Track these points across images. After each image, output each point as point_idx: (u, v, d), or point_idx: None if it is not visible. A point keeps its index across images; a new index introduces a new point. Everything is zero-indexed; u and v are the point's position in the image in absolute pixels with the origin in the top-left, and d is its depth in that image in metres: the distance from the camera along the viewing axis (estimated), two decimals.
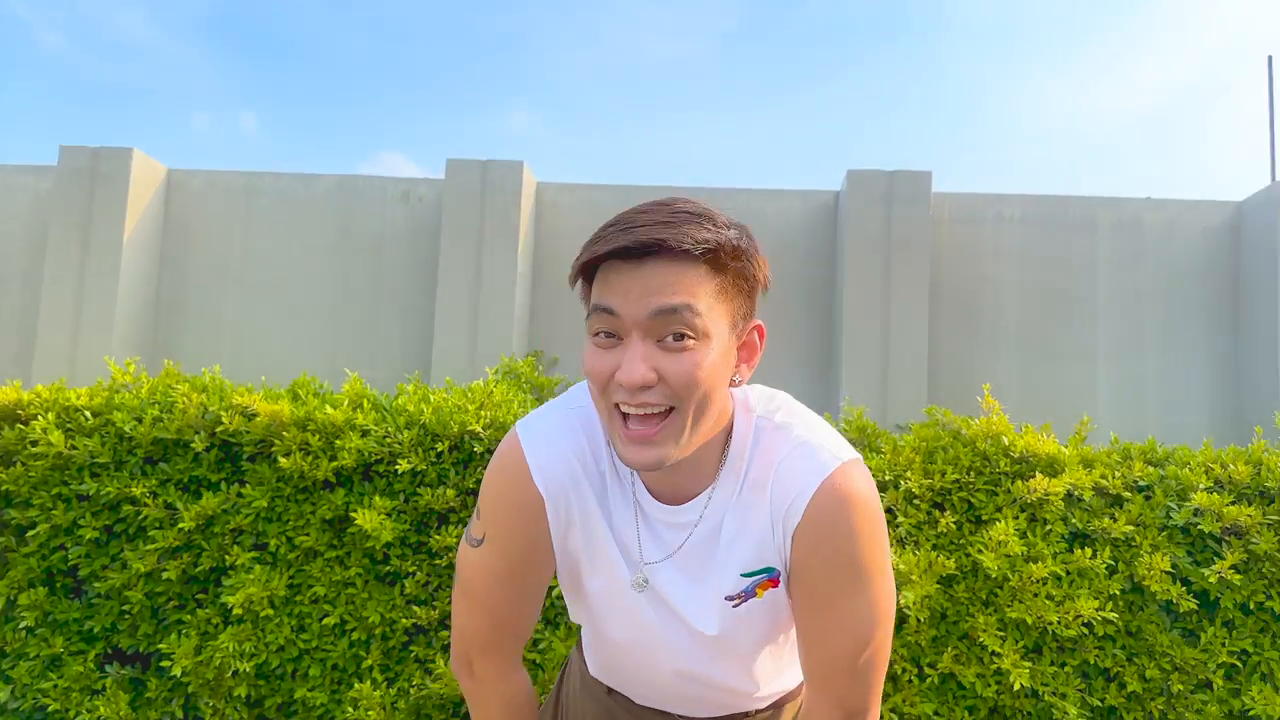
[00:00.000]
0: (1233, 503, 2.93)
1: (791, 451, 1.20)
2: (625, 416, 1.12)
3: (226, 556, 2.87)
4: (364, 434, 2.91)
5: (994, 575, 2.71)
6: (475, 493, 2.97)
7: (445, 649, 2.89)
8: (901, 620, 2.78)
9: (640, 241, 1.08)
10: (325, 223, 5.72)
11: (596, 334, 1.14)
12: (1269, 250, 5.03)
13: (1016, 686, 2.66)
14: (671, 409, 1.11)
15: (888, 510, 2.92)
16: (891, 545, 2.84)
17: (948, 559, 2.74)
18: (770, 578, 1.24)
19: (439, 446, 2.90)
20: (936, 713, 2.76)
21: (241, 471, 2.97)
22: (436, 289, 5.31)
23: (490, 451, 2.97)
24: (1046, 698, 2.75)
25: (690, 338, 1.10)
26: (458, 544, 2.85)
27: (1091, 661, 2.82)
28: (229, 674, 2.81)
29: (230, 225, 5.79)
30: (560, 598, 2.85)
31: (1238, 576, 2.83)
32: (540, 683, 2.83)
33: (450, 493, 2.88)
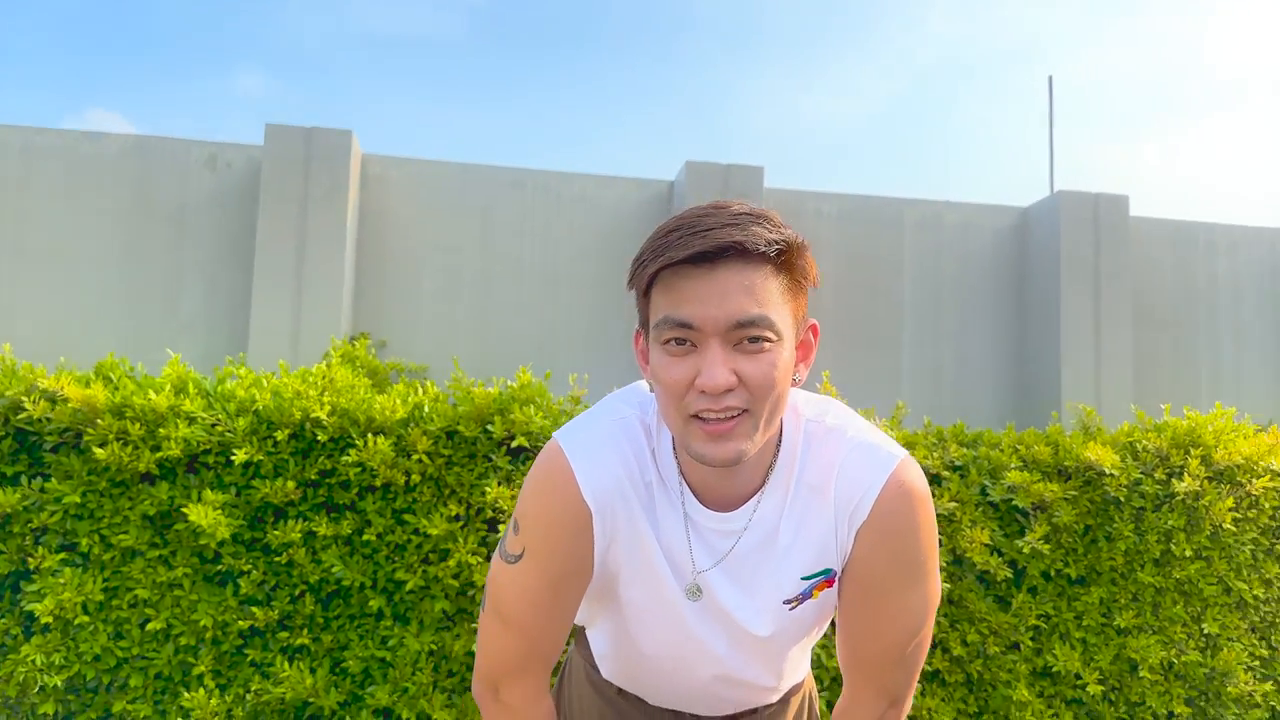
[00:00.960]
0: (1038, 480, 3.20)
1: (851, 453, 1.20)
2: (699, 418, 1.10)
3: (29, 559, 2.57)
4: (191, 422, 2.68)
5: None
6: (317, 484, 2.80)
7: (285, 650, 2.72)
8: None
9: (718, 244, 1.05)
10: (116, 186, 5.20)
11: (667, 342, 1.10)
12: (1051, 251, 5.54)
13: None
14: (745, 410, 1.09)
15: None
16: None
17: None
18: (827, 579, 1.24)
19: (278, 435, 2.72)
20: None
21: (43, 464, 2.66)
22: (254, 263, 4.94)
23: (335, 440, 2.81)
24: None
25: (767, 341, 1.09)
26: (300, 540, 2.69)
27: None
28: (34, 690, 2.52)
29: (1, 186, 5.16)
30: None
31: (1045, 546, 3.11)
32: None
33: (290, 484, 2.70)
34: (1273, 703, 3.28)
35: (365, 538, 2.77)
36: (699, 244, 1.06)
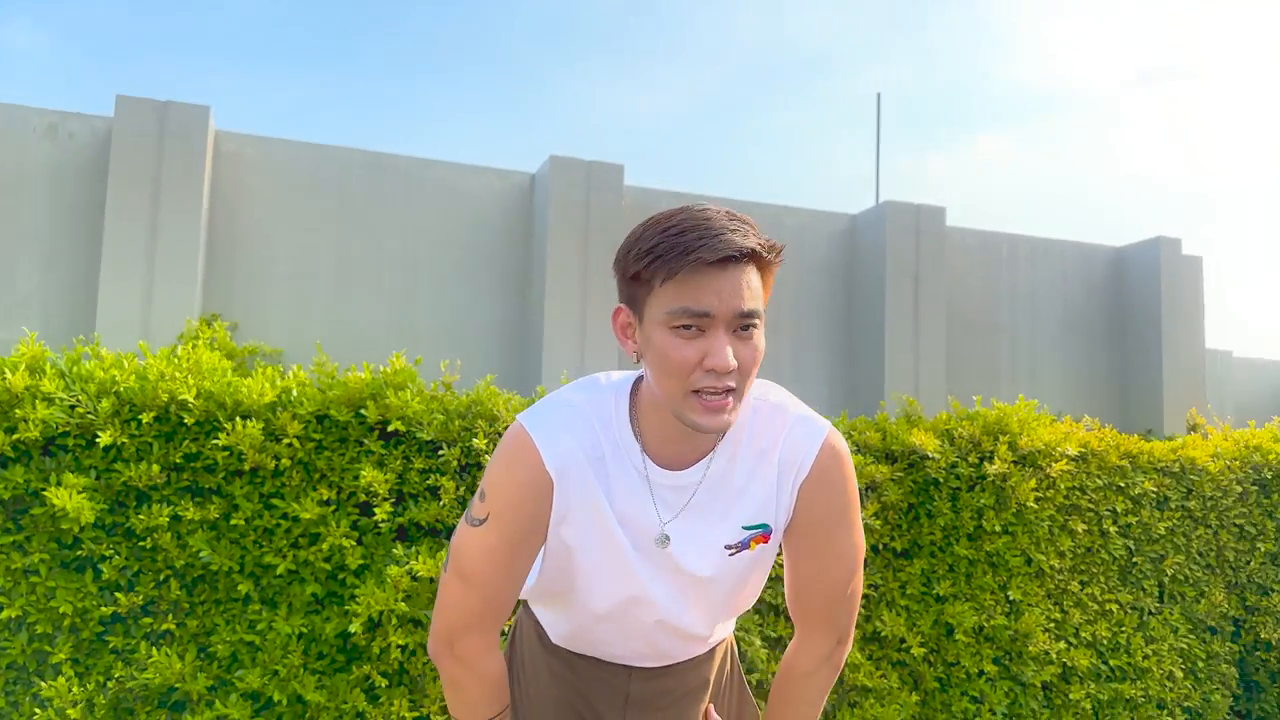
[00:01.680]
0: (870, 463, 3.52)
1: (794, 425, 1.45)
2: (699, 393, 1.28)
3: None
4: (49, 403, 2.60)
5: None
6: (181, 468, 2.77)
7: (149, 636, 2.68)
8: None
9: (740, 249, 1.25)
10: None
11: (679, 327, 1.27)
12: (878, 256, 6.00)
13: None
14: (732, 390, 1.30)
15: None
16: None
17: None
18: (763, 533, 1.44)
19: (142, 418, 2.67)
20: None
21: None
22: (102, 240, 4.66)
23: (201, 423, 2.79)
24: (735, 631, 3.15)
25: (755, 328, 1.30)
26: (166, 524, 2.66)
27: (768, 600, 3.27)
28: None
29: None
30: None
31: (876, 522, 3.43)
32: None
33: (155, 468, 2.66)
34: (1064, 659, 3.73)
35: (233, 522, 2.75)
36: (724, 248, 1.25)
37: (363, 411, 2.92)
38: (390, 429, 2.91)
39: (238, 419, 2.76)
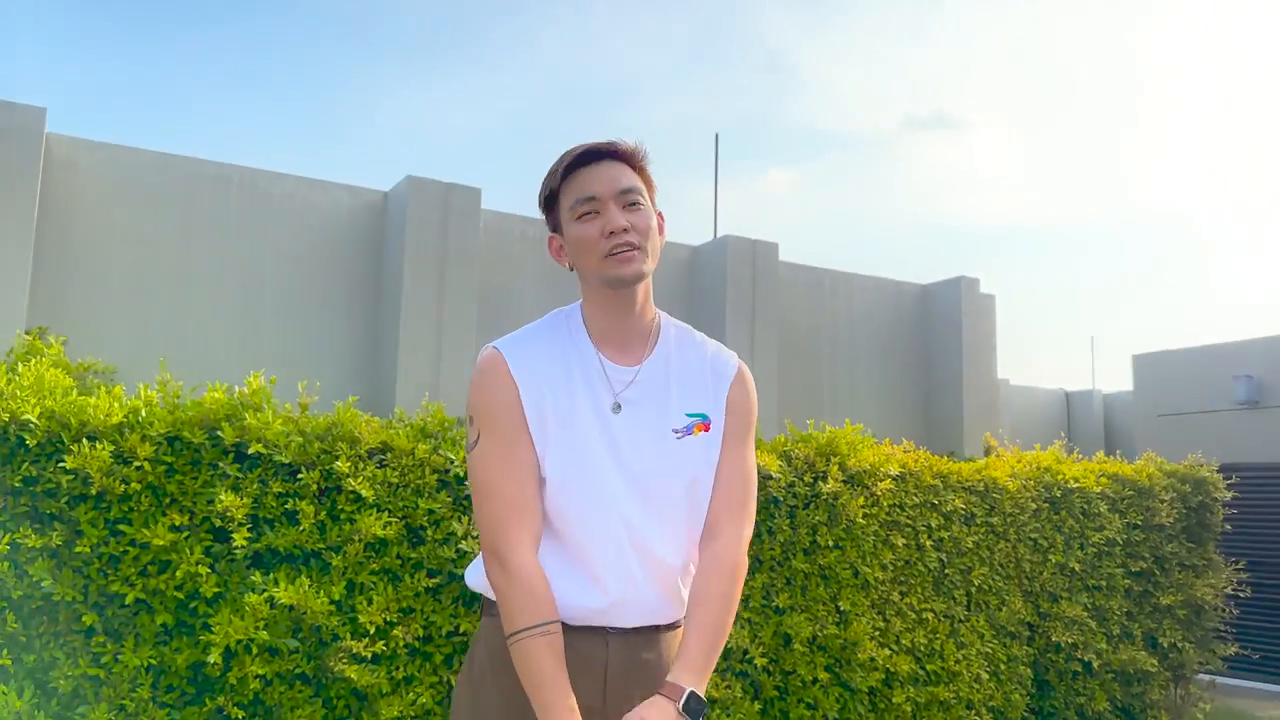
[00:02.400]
0: None
1: (711, 343, 1.86)
2: (611, 255, 1.66)
3: None
4: None
5: None
6: (21, 492, 2.62)
7: None
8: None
9: (600, 147, 1.70)
10: None
11: (581, 216, 1.68)
12: (718, 285, 6.28)
13: None
14: (636, 246, 1.68)
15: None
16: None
17: None
18: (703, 421, 1.76)
19: None
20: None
21: None
22: None
23: (43, 445, 2.64)
24: None
25: (641, 201, 1.71)
26: (5, 552, 2.51)
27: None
28: None
29: None
30: None
31: None
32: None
33: None
34: (887, 665, 4.04)
35: (77, 549, 2.62)
36: (590, 149, 1.70)
37: (218, 433, 2.85)
38: (250, 451, 2.85)
39: (84, 440, 2.63)
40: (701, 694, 1.63)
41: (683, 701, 1.59)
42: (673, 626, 1.78)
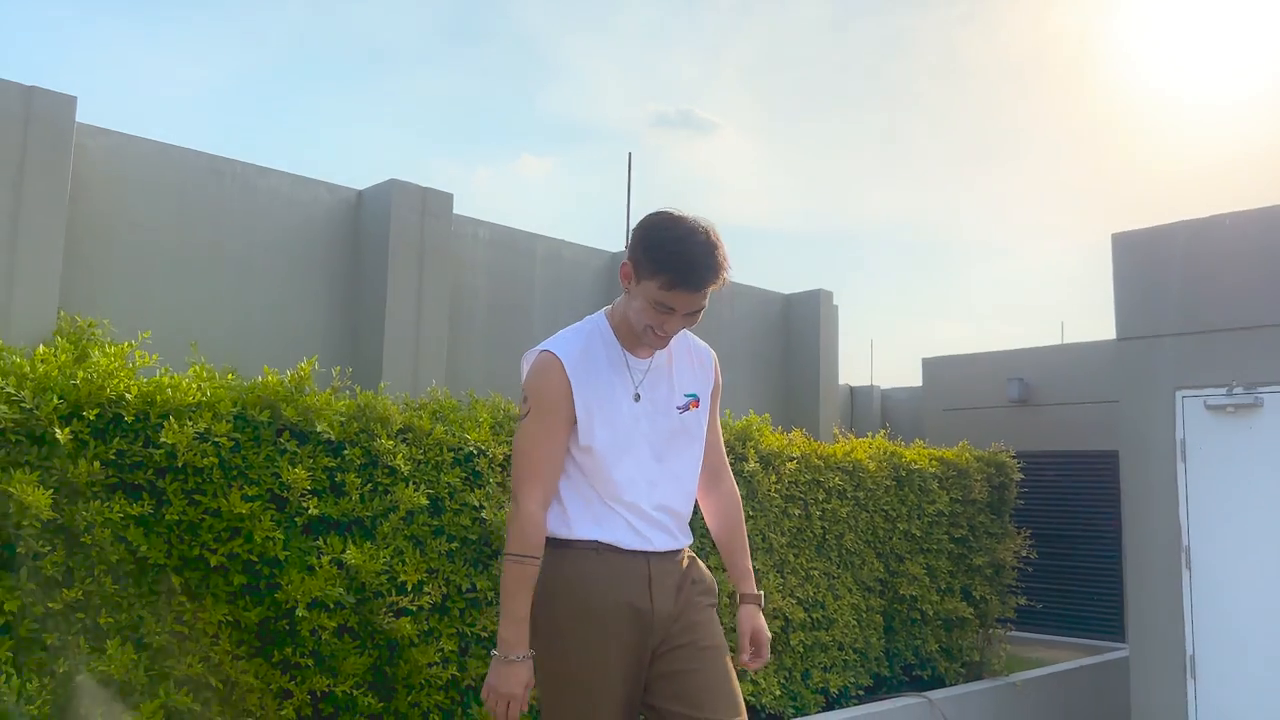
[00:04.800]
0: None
1: (691, 337, 2.45)
2: (654, 333, 2.19)
3: None
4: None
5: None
6: (114, 464, 2.82)
7: (81, 631, 2.70)
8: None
9: (707, 287, 2.13)
10: None
11: (658, 306, 2.13)
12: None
13: None
14: (670, 338, 2.26)
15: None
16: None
17: None
18: (695, 400, 2.37)
19: (88, 414, 2.71)
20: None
21: None
22: None
23: (135, 420, 2.85)
24: None
25: (698, 316, 2.21)
26: (103, 520, 2.72)
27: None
28: None
29: None
30: None
31: None
32: None
33: (95, 465, 2.71)
34: (785, 614, 4.81)
35: (167, 517, 2.85)
36: (698, 284, 2.11)
37: (281, 412, 3.13)
38: (319, 430, 3.15)
39: (170, 418, 2.87)
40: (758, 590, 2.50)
41: (761, 600, 2.50)
42: (685, 548, 2.41)
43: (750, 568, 2.55)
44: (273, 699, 2.98)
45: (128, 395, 2.80)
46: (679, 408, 2.34)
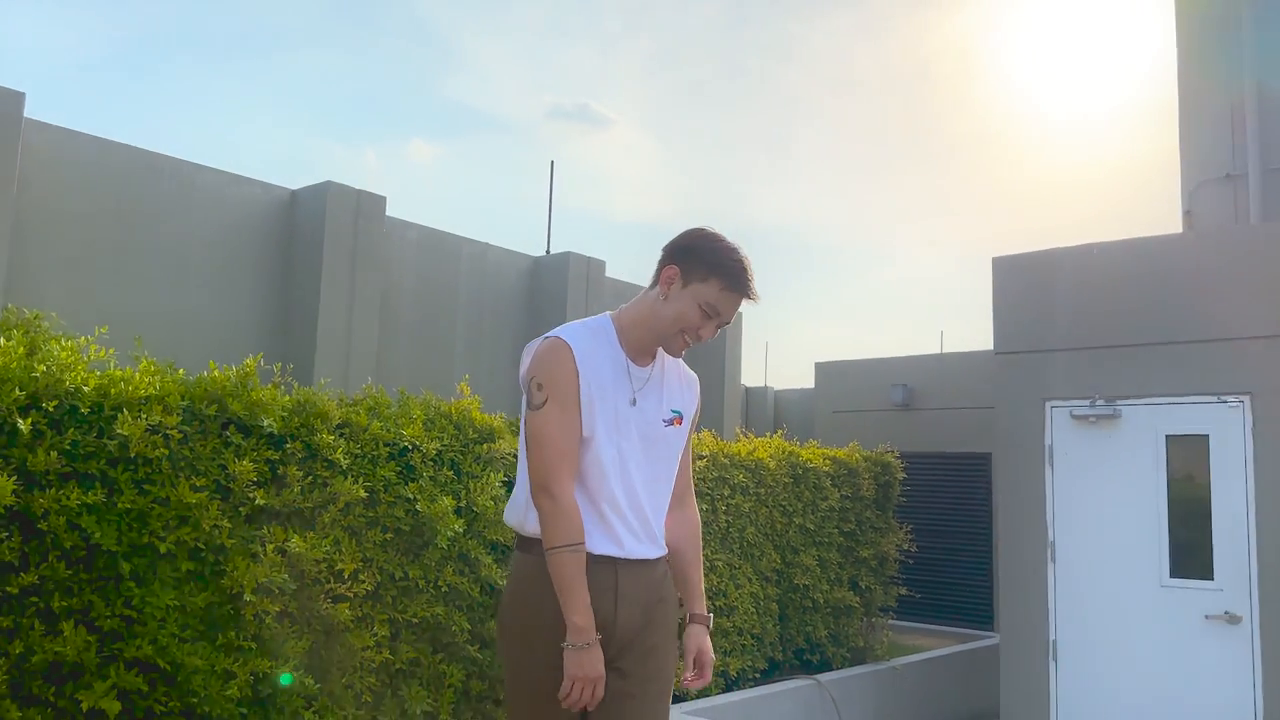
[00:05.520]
0: None
1: (677, 361, 2.53)
2: (685, 337, 2.33)
3: None
4: None
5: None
6: (69, 454, 2.91)
7: (38, 614, 2.80)
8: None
9: (753, 296, 2.33)
10: None
11: (701, 309, 2.28)
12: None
13: None
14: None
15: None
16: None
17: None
18: (678, 416, 2.45)
19: (46, 406, 2.80)
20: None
21: None
22: None
23: (90, 412, 2.95)
24: None
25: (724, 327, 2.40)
26: (58, 508, 2.81)
27: None
28: None
29: None
30: None
31: None
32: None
33: (54, 455, 2.80)
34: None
35: (118, 505, 2.96)
36: (750, 296, 2.32)
37: (231, 406, 3.27)
38: (265, 425, 3.30)
39: (124, 410, 2.98)
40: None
41: (710, 622, 2.57)
42: (658, 560, 2.45)
43: (703, 589, 2.60)
44: (217, 680, 3.12)
45: (85, 388, 2.90)
46: (664, 420, 2.40)
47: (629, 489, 2.33)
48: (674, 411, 2.42)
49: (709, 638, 2.54)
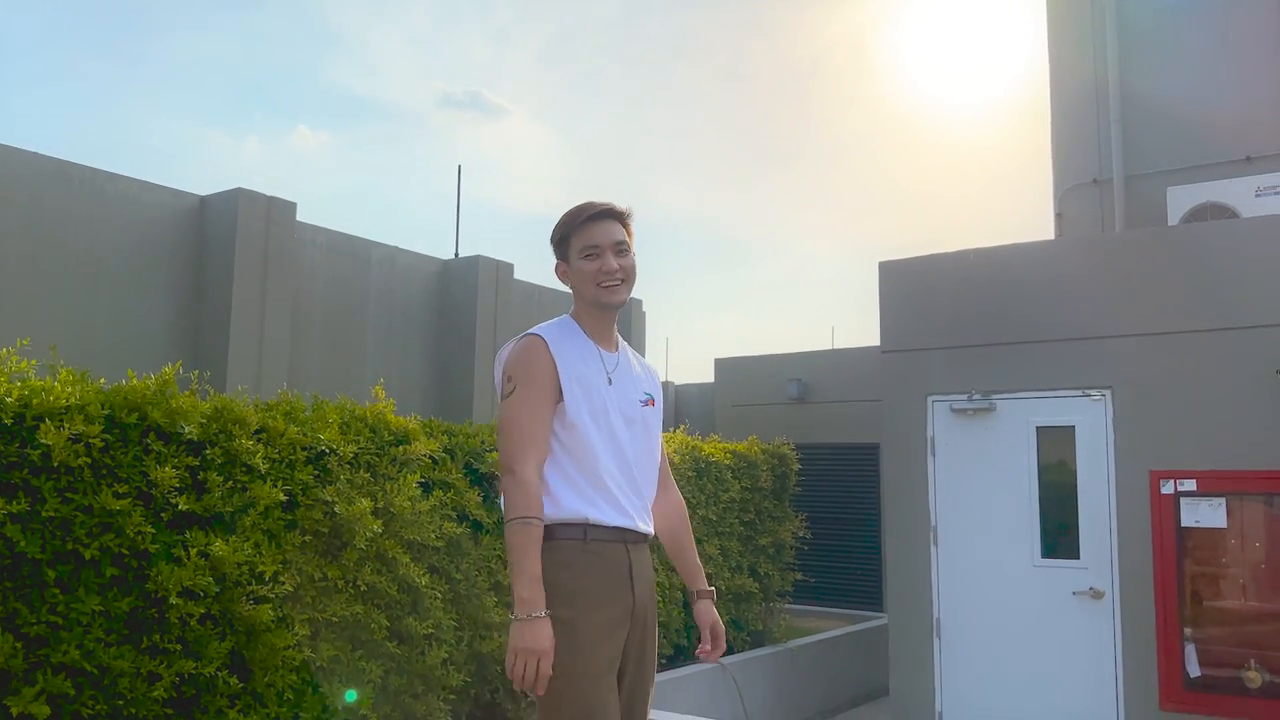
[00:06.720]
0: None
1: (638, 354, 2.65)
2: (603, 286, 2.41)
3: None
4: None
5: None
6: None
7: None
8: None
9: (607, 209, 2.45)
10: None
11: (586, 256, 2.41)
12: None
13: None
14: (622, 280, 2.45)
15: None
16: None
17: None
18: (651, 398, 2.55)
19: None
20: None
21: None
22: None
23: (12, 423, 2.99)
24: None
25: (627, 251, 2.47)
26: None
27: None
28: None
29: None
30: None
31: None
32: None
33: None
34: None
35: (43, 514, 3.02)
36: (600, 210, 2.44)
37: (152, 415, 3.33)
38: (186, 432, 3.37)
39: (46, 420, 3.03)
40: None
41: (714, 596, 2.69)
42: (648, 536, 2.53)
43: (700, 564, 2.71)
44: (143, 682, 3.20)
45: (7, 399, 2.95)
46: (640, 401, 2.49)
47: (623, 465, 2.42)
48: (647, 394, 2.54)
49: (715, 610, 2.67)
